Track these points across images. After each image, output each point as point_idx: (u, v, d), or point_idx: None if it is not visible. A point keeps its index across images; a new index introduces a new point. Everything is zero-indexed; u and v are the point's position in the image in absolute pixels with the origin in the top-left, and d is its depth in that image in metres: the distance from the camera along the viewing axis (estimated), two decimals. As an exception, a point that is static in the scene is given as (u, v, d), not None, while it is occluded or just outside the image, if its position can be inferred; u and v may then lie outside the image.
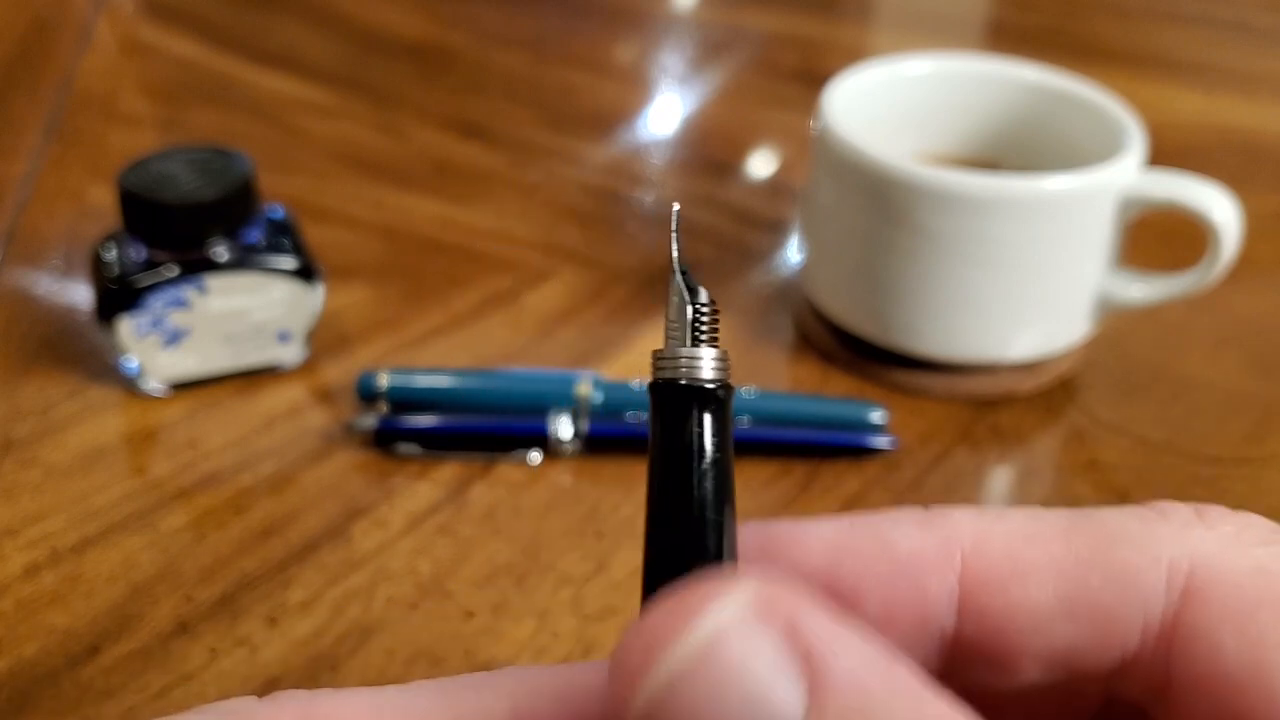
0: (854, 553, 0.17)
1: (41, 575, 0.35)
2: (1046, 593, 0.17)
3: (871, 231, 0.43)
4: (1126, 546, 0.17)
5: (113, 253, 0.42)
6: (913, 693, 0.14)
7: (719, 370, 0.18)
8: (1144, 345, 0.48)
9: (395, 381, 0.42)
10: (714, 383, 0.18)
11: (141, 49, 0.72)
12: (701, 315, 0.19)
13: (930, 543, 0.17)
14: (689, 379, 0.18)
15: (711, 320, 0.19)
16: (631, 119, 0.67)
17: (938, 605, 0.17)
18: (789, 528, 0.18)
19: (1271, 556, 0.17)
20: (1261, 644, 0.16)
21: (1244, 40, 0.78)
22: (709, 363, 0.18)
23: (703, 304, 0.19)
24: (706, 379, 0.18)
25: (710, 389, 0.18)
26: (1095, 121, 0.45)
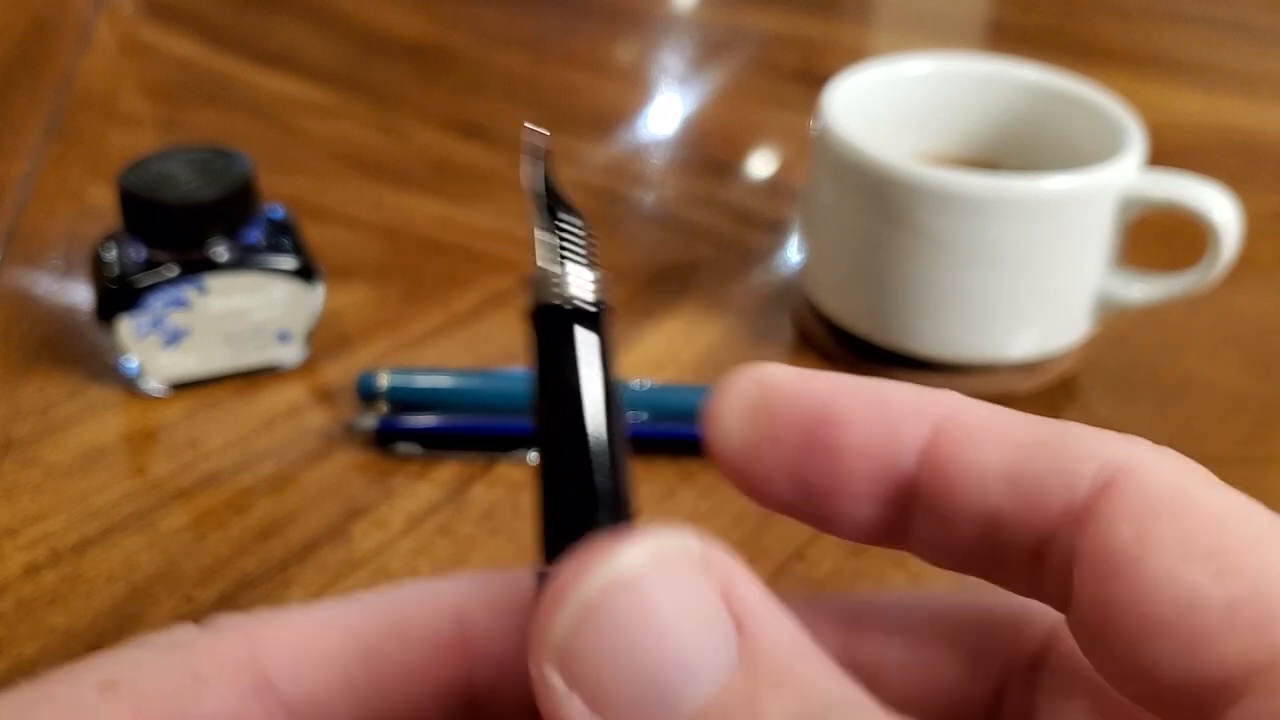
0: (850, 391, 0.18)
1: (41, 575, 0.35)
2: (995, 458, 0.18)
3: (871, 231, 0.43)
4: (1075, 439, 0.18)
5: (113, 253, 0.42)
6: (838, 679, 0.15)
7: (588, 289, 0.18)
8: (1144, 345, 0.48)
9: (395, 381, 0.42)
10: (586, 301, 0.18)
11: (141, 49, 0.72)
12: (568, 234, 0.18)
13: (916, 396, 0.18)
14: (560, 299, 0.18)
15: (580, 239, 0.18)
16: (631, 119, 0.67)
17: (906, 446, 0.18)
18: (797, 373, 0.19)
19: (1198, 484, 0.18)
20: (1145, 544, 0.17)
21: (1244, 40, 0.78)
22: (577, 281, 0.18)
23: (568, 221, 0.18)
24: (577, 297, 0.18)
25: (583, 307, 0.18)
26: (1095, 121, 0.45)
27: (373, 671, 0.17)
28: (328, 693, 0.17)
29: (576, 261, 0.18)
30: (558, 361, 0.18)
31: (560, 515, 0.17)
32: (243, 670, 0.16)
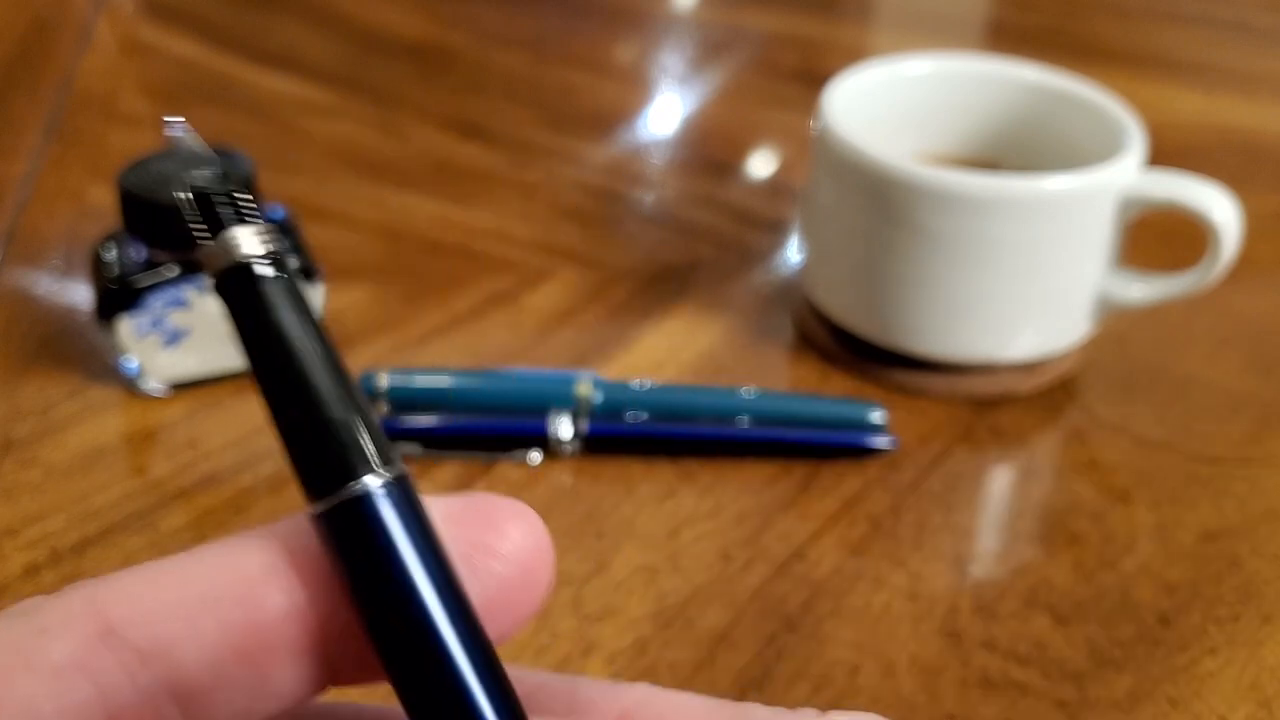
0: (551, 686, 0.19)
1: (41, 575, 0.35)
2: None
3: (872, 231, 0.43)
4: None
5: (113, 253, 0.42)
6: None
7: (258, 243, 0.18)
8: (1144, 345, 0.48)
9: (395, 382, 0.42)
10: (261, 256, 0.18)
11: (141, 49, 0.72)
12: (224, 198, 0.18)
13: (606, 689, 0.19)
14: (240, 259, 0.18)
15: (235, 200, 0.18)
16: (631, 119, 0.67)
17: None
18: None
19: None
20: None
21: (1244, 40, 0.78)
22: (247, 240, 0.18)
23: (224, 190, 0.18)
24: (253, 254, 0.18)
25: (261, 261, 0.18)
26: (1095, 121, 0.45)
27: (215, 614, 0.17)
28: (174, 636, 0.17)
29: (242, 221, 0.18)
30: (256, 317, 0.18)
31: (302, 462, 0.18)
32: (88, 621, 0.17)
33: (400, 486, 0.17)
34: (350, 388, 0.18)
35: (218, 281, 0.18)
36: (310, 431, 0.18)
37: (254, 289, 0.18)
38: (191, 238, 0.18)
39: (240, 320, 0.18)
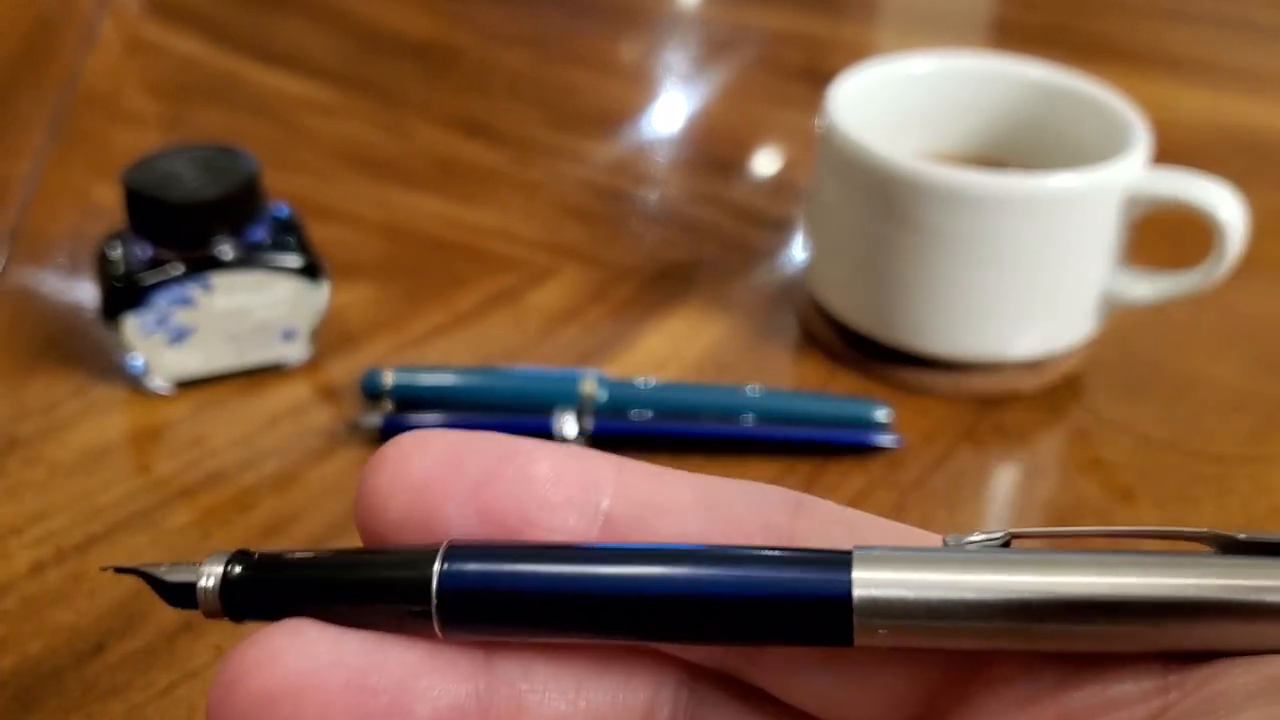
0: (537, 441, 0.19)
1: (46, 573, 0.35)
2: (687, 492, 0.19)
3: (876, 230, 0.43)
4: (749, 482, 0.19)
5: (118, 251, 0.42)
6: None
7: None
8: (1149, 344, 0.48)
9: (400, 380, 0.42)
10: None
11: (146, 47, 0.72)
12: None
13: (596, 450, 0.19)
14: None
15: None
16: (635, 117, 0.67)
17: (598, 482, 0.19)
18: (486, 433, 0.19)
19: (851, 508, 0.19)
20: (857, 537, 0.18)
21: (1250, 38, 0.78)
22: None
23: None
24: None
25: None
26: (1100, 119, 0.45)
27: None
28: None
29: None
30: None
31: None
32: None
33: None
34: None
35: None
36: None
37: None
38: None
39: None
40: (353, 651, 0.17)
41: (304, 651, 0.17)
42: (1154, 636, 0.16)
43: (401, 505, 0.18)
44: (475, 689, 0.17)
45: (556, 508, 0.18)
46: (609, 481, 0.18)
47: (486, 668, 0.17)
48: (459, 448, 0.18)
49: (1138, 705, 0.16)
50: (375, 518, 0.18)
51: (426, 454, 0.18)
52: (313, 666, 0.16)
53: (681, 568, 0.17)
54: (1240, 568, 0.16)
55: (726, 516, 0.18)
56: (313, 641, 0.17)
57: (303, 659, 0.16)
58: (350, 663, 0.17)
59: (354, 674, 0.17)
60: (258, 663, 0.16)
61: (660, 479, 0.19)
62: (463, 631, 0.17)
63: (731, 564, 0.17)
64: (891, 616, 0.16)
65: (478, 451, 0.18)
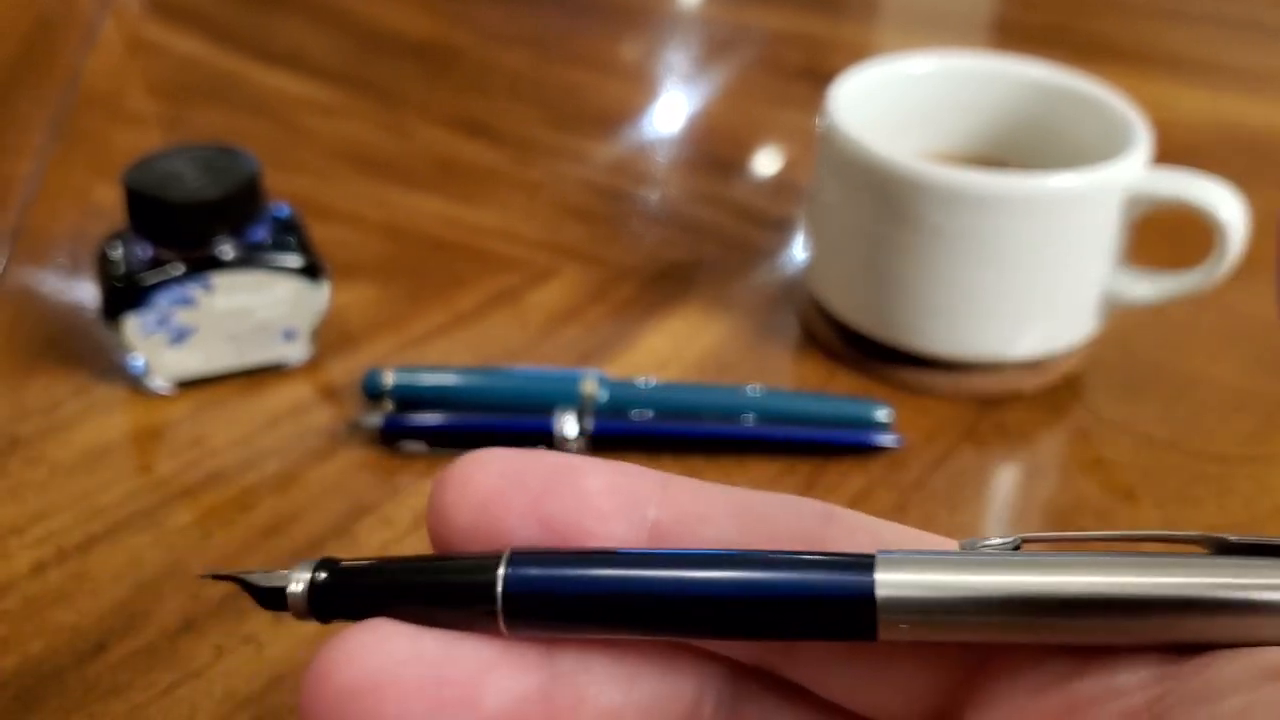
0: (588, 459, 0.20)
1: (48, 573, 0.35)
2: (725, 503, 0.20)
3: (877, 229, 0.43)
4: (783, 496, 0.20)
5: (118, 251, 0.42)
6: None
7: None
8: (1149, 343, 0.48)
9: (400, 379, 0.42)
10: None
11: (146, 48, 0.72)
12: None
13: (643, 467, 0.20)
14: None
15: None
16: (636, 117, 0.67)
17: (646, 494, 0.20)
18: (541, 453, 0.21)
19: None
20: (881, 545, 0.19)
21: (1251, 38, 0.78)
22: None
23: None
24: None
25: None
26: (1101, 119, 0.45)
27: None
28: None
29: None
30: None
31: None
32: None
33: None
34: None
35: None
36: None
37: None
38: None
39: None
40: (428, 648, 0.18)
41: (383, 648, 0.18)
42: (1152, 630, 0.17)
43: (468, 518, 0.20)
44: (539, 681, 0.19)
45: (608, 518, 0.20)
46: (655, 494, 0.20)
47: (549, 662, 0.19)
48: (518, 466, 0.20)
49: (1136, 693, 0.17)
50: (446, 529, 0.20)
51: (489, 471, 0.20)
52: (391, 662, 0.18)
53: (721, 571, 0.18)
54: (1231, 567, 0.17)
55: (763, 525, 0.20)
56: (391, 639, 0.19)
57: (382, 655, 0.18)
58: (426, 658, 0.18)
59: (429, 668, 0.18)
60: (343, 659, 0.18)
61: (702, 492, 0.20)
62: (526, 629, 0.19)
63: (767, 567, 0.18)
64: (911, 613, 0.18)
65: (535, 469, 0.20)
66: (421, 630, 0.19)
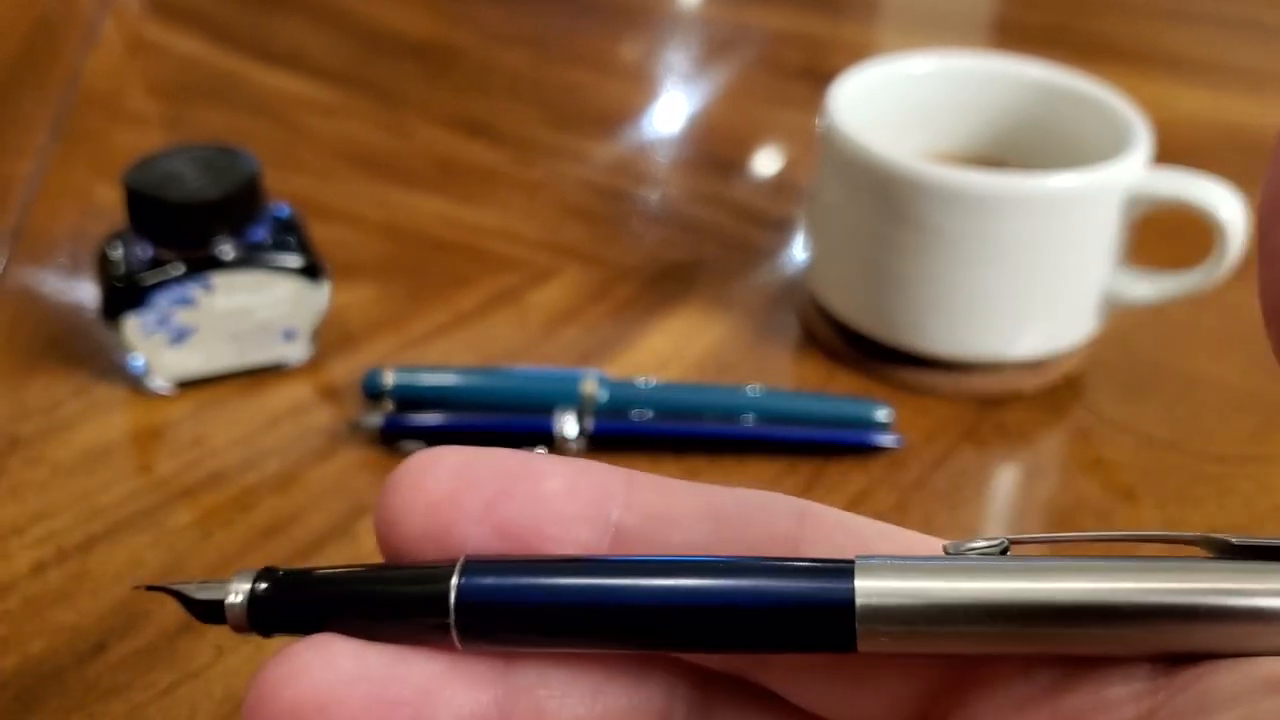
0: (547, 456, 0.19)
1: (48, 573, 0.35)
2: (694, 502, 0.19)
3: (877, 229, 0.43)
4: (756, 491, 0.19)
5: (118, 251, 0.42)
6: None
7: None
8: (1150, 343, 0.48)
9: (401, 379, 0.42)
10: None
11: (147, 48, 0.72)
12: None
13: (605, 464, 0.19)
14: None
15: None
16: (636, 117, 0.67)
17: (608, 495, 0.19)
18: (496, 450, 0.19)
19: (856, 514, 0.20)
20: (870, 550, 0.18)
21: (1251, 38, 0.78)
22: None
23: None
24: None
25: None
26: (1101, 119, 0.45)
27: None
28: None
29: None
30: None
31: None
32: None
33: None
34: None
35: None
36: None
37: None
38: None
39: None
40: (376, 664, 0.18)
41: (329, 665, 0.17)
42: (1148, 639, 0.16)
43: (419, 523, 0.18)
44: (495, 696, 0.18)
45: (568, 522, 0.19)
46: (619, 494, 0.19)
47: (506, 676, 0.18)
48: (472, 466, 0.19)
49: (1128, 705, 0.16)
50: (394, 535, 0.19)
51: (440, 472, 0.19)
52: (337, 680, 0.17)
53: (690, 579, 0.18)
54: (1232, 572, 0.16)
55: (734, 526, 0.19)
56: (337, 656, 0.17)
57: (328, 673, 0.17)
58: (373, 675, 0.17)
59: (377, 686, 0.17)
60: (285, 678, 0.17)
61: (668, 492, 0.19)
62: (481, 643, 0.18)
63: (738, 574, 0.17)
64: (893, 623, 0.17)
65: (490, 469, 0.19)
66: (369, 646, 0.18)
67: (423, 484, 0.18)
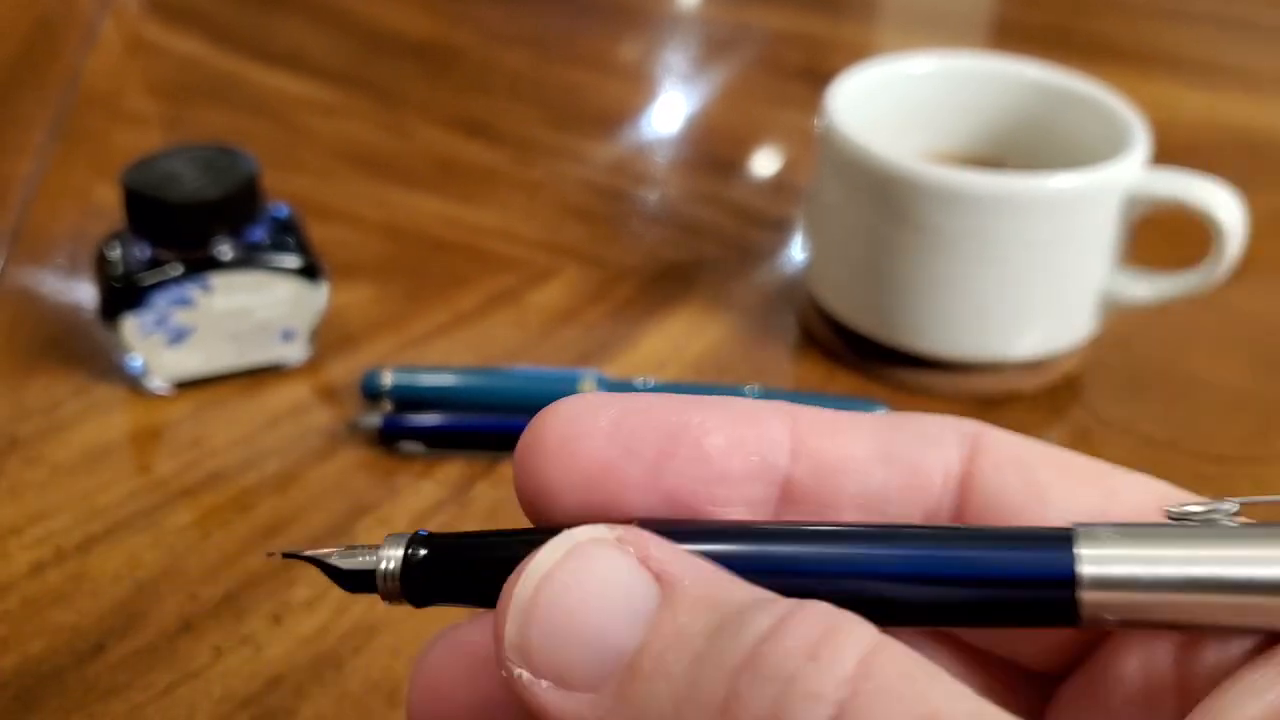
0: (704, 402, 0.18)
1: (47, 573, 0.35)
2: (864, 443, 0.18)
3: (876, 230, 0.43)
4: (925, 418, 0.19)
5: (117, 251, 0.42)
6: (747, 589, 0.16)
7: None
8: (1149, 344, 0.48)
9: (399, 380, 0.42)
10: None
11: (146, 48, 0.72)
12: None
13: (764, 404, 0.19)
14: None
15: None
16: (635, 117, 0.67)
17: (776, 443, 0.18)
18: (643, 397, 0.19)
19: (1034, 441, 0.19)
20: (1037, 484, 0.18)
21: (1250, 38, 0.78)
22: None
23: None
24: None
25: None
26: (1100, 120, 0.45)
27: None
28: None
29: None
30: None
31: None
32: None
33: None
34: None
35: None
36: None
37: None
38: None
39: None
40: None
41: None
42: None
43: (577, 496, 0.18)
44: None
45: (737, 482, 0.18)
46: (784, 442, 0.18)
47: None
48: (627, 423, 0.18)
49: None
50: (548, 506, 0.18)
51: (595, 436, 0.18)
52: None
53: (899, 548, 0.17)
54: None
55: (906, 467, 0.18)
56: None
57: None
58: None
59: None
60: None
61: (835, 433, 0.18)
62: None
63: (943, 542, 0.17)
64: (1120, 593, 0.16)
65: (648, 429, 0.18)
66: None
67: (578, 450, 0.18)
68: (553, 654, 0.16)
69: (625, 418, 0.18)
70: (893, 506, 0.18)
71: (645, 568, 0.16)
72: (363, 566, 0.18)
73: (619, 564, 0.16)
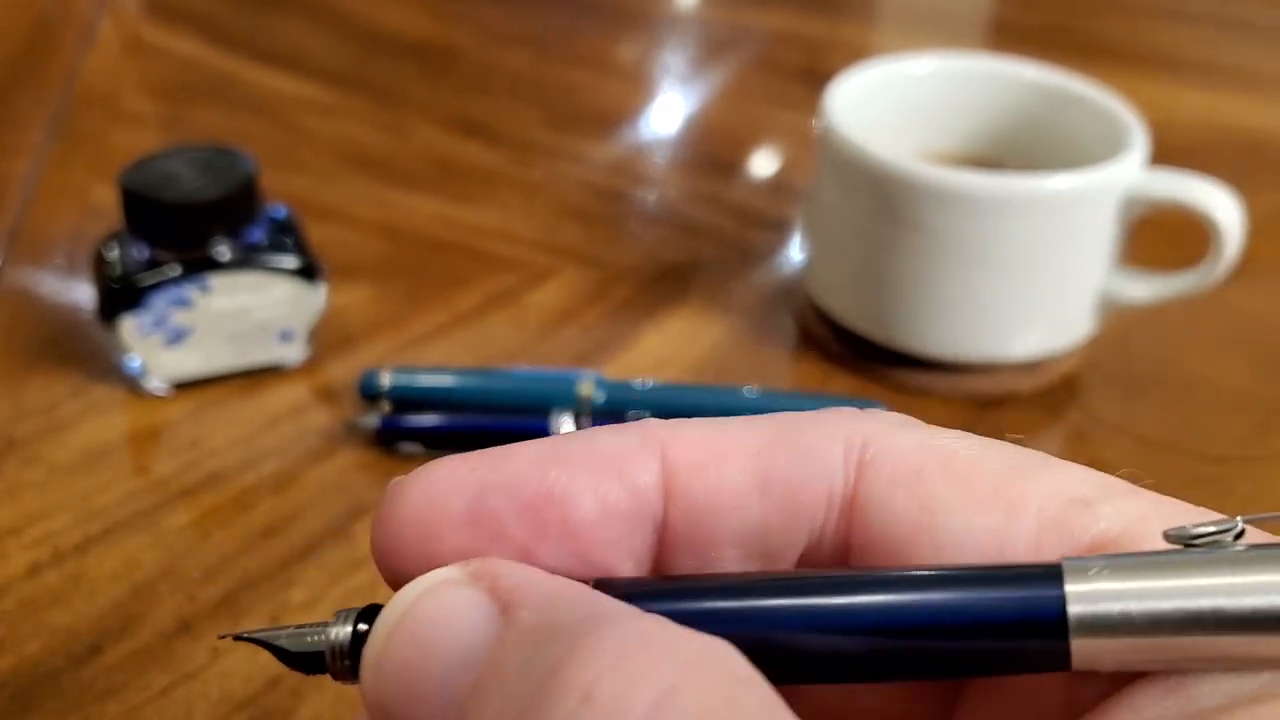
0: (563, 457, 0.18)
1: (44, 574, 0.35)
2: (739, 472, 0.17)
3: (874, 230, 0.43)
4: (807, 429, 0.18)
5: (115, 252, 0.42)
6: (583, 599, 0.16)
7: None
8: (1147, 345, 0.48)
9: (398, 380, 0.42)
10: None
11: (144, 48, 0.72)
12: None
13: (631, 440, 0.18)
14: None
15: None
16: (634, 118, 0.67)
17: (646, 493, 0.17)
18: (502, 451, 0.18)
19: (930, 434, 0.18)
20: (929, 505, 0.17)
21: (1248, 39, 0.78)
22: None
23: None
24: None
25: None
26: (1098, 120, 0.45)
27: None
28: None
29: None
30: None
31: None
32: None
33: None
34: None
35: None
36: None
37: None
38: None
39: None
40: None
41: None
42: None
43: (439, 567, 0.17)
44: None
45: (612, 543, 0.17)
46: (654, 485, 0.18)
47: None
48: (486, 510, 0.17)
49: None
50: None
51: (453, 526, 0.17)
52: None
53: (881, 595, 0.15)
54: None
55: (785, 495, 0.17)
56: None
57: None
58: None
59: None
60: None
61: (708, 466, 0.18)
62: None
63: (926, 588, 0.15)
64: (1114, 636, 0.14)
65: (508, 509, 0.17)
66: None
67: (438, 541, 0.17)
68: (406, 707, 0.16)
69: (482, 498, 0.17)
70: (775, 539, 0.17)
71: (490, 598, 0.16)
72: (311, 648, 0.17)
73: (464, 601, 0.16)
